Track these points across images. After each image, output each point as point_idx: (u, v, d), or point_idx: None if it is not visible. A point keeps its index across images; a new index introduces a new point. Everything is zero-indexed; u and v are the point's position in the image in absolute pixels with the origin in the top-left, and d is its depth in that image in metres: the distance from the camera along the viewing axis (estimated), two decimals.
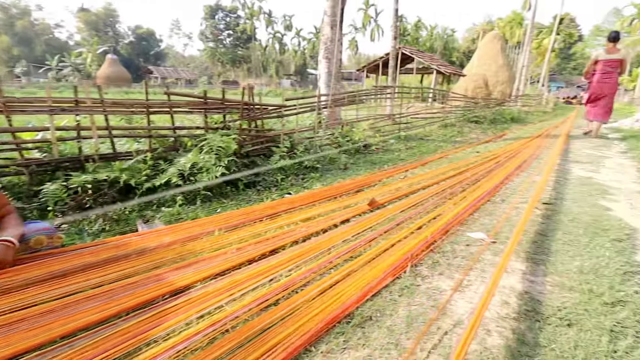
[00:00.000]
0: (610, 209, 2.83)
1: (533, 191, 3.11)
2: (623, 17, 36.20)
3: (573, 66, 56.01)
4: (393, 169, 4.41)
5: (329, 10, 6.08)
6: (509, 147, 5.95)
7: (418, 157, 5.31)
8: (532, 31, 21.49)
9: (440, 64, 22.43)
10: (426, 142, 6.80)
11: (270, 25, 55.31)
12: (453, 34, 60.79)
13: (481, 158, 4.91)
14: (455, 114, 9.73)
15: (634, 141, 6.96)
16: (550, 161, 4.45)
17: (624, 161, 5.01)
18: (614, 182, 3.77)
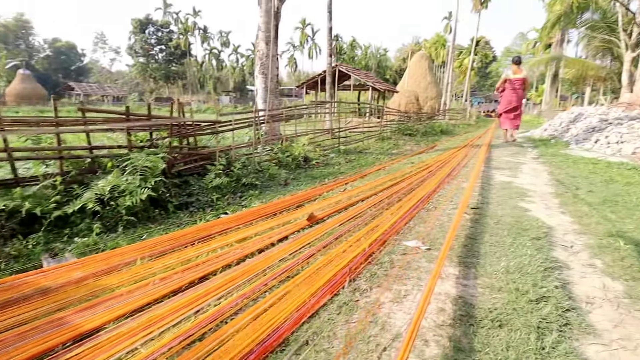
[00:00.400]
0: (529, 210, 3.07)
1: (462, 197, 3.28)
2: (528, 40, 41.52)
3: (490, 83, 62.48)
4: (333, 183, 4.42)
5: (262, 26, 6.06)
6: (440, 157, 6.33)
7: (357, 170, 5.41)
8: (454, 52, 23.64)
9: (375, 81, 23.62)
10: (365, 155, 6.99)
11: (207, 41, 54.25)
12: (385, 53, 64.77)
13: (415, 168, 5.13)
14: (390, 127, 10.21)
15: (544, 148, 7.83)
16: (475, 168, 4.79)
17: (537, 166, 5.57)
18: (530, 185, 4.14)
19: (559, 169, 5.24)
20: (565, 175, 4.74)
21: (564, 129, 9.60)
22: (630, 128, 8.20)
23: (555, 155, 6.61)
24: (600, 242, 2.32)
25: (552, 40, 28.89)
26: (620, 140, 8.00)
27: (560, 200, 3.43)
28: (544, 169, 5.34)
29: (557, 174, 4.82)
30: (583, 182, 4.31)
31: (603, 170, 5.01)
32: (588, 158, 6.14)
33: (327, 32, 8.47)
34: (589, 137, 8.39)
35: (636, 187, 4.02)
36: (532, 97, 44.21)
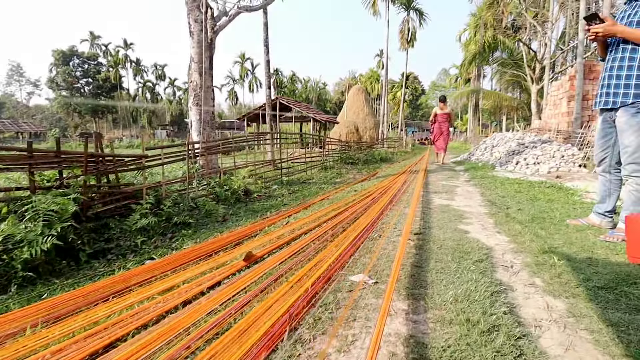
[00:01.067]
0: (468, 232, 3.12)
1: (405, 223, 3.26)
2: (450, 76, 46.14)
3: (421, 114, 67.75)
4: (276, 216, 4.20)
5: (195, 57, 5.86)
6: (381, 184, 6.44)
7: (301, 201, 5.25)
8: (387, 86, 25.28)
9: (316, 113, 24.27)
10: (308, 185, 6.89)
11: (140, 74, 52.17)
12: (325, 87, 67.61)
13: (359, 196, 5.11)
14: (333, 157, 10.34)
15: (473, 171, 8.40)
16: (415, 194, 4.89)
17: (470, 188, 5.88)
18: (466, 207, 4.30)
19: (489, 190, 5.57)
20: (495, 195, 5.03)
21: (489, 153, 10.48)
22: (544, 150, 9.18)
23: (484, 178, 7.08)
24: (537, 260, 2.37)
25: (470, 76, 32.40)
26: (537, 161, 8.89)
27: (495, 220, 3.56)
28: (476, 190, 5.64)
29: (488, 195, 5.09)
30: (511, 201, 4.58)
31: (527, 190, 5.42)
32: (512, 179, 6.66)
33: (265, 64, 8.50)
34: (511, 160, 9.22)
35: (557, 204, 4.35)
36: (459, 126, 48.68)
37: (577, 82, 10.10)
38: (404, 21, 26.14)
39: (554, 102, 12.01)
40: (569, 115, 10.64)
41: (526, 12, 15.59)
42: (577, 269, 2.19)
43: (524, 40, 16.38)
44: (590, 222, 3.26)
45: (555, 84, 11.98)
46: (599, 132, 3.05)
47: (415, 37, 26.28)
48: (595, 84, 10.22)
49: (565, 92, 10.86)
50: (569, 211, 3.93)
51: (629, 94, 2.68)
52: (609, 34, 2.66)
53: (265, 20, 8.33)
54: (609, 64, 2.82)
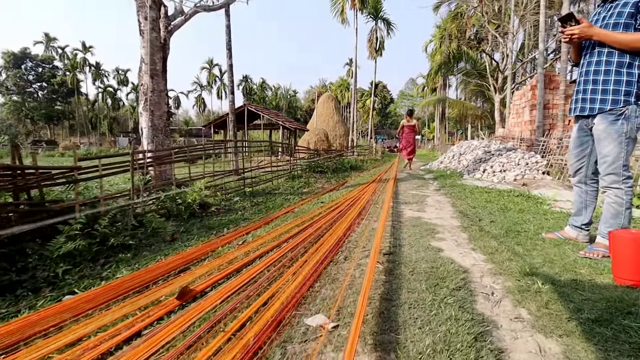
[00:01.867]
0: (441, 250, 2.84)
1: (373, 241, 2.94)
2: (417, 85, 47.37)
3: (390, 122, 69.08)
4: (233, 233, 3.77)
5: (146, 58, 5.34)
6: (350, 194, 6.15)
7: (264, 215, 4.84)
8: (357, 94, 25.38)
9: (285, 120, 23.89)
10: (273, 196, 6.48)
11: (99, 78, 49.63)
12: (295, 94, 67.49)
13: (325, 209, 4.77)
14: (301, 165, 9.98)
15: (442, 179, 8.32)
16: (385, 206, 4.62)
17: (440, 198, 5.70)
18: (437, 219, 4.06)
19: (459, 199, 5.40)
20: (466, 206, 4.85)
21: (457, 161, 10.52)
22: (509, 158, 9.30)
23: (453, 186, 6.97)
24: (519, 285, 2.10)
25: (436, 85, 33.31)
26: (503, 169, 8.96)
27: (469, 235, 3.32)
28: (447, 200, 5.46)
29: (459, 206, 4.91)
30: (483, 212, 4.41)
31: (497, 199, 5.30)
32: (481, 187, 6.58)
33: (228, 69, 8.06)
34: (478, 168, 9.26)
35: (528, 214, 4.21)
36: (426, 134, 49.96)
37: (539, 91, 10.38)
38: (372, 30, 26.51)
39: (516, 111, 12.33)
40: (532, 123, 10.91)
41: (488, 25, 16.16)
42: (564, 295, 1.93)
43: (487, 51, 16.98)
44: (566, 235, 3.09)
45: (518, 94, 12.33)
46: (574, 140, 2.88)
47: (383, 47, 26.70)
48: (556, 93, 10.57)
49: (527, 101, 11.15)
50: (542, 222, 3.78)
51: (606, 100, 2.51)
52: (585, 35, 2.49)
53: (227, 23, 7.91)
54: (584, 69, 2.66)
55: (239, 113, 22.44)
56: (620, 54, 2.46)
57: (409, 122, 11.20)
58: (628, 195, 2.54)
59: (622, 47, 2.43)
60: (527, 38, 16.59)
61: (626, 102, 2.45)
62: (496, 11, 16.21)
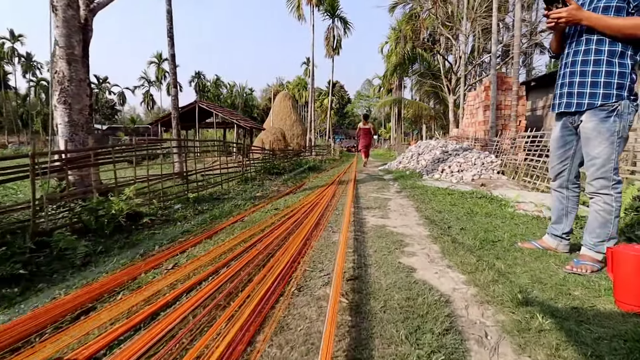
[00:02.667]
0: (414, 269, 2.40)
1: (335, 261, 2.44)
2: (373, 86, 48.08)
3: (348, 122, 69.71)
4: (165, 252, 3.09)
5: (61, 40, 4.44)
6: (308, 198, 5.63)
7: (208, 226, 4.18)
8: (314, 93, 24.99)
9: (240, 119, 22.89)
10: (222, 202, 5.78)
11: (31, 71, 44.77)
12: (252, 92, 65.84)
13: (279, 217, 4.21)
14: (255, 166, 9.30)
15: (402, 180, 8.07)
16: (346, 213, 4.15)
17: (402, 201, 5.35)
18: (403, 227, 3.65)
19: (423, 203, 5.08)
20: (431, 210, 4.52)
21: (416, 161, 10.40)
22: (466, 158, 9.31)
23: (414, 188, 6.70)
24: (515, 320, 1.69)
25: (392, 86, 33.86)
26: (460, 169, 8.93)
27: (441, 247, 2.93)
28: (410, 204, 5.12)
29: (424, 210, 4.57)
30: (450, 217, 4.09)
31: (461, 202, 5.04)
32: (443, 189, 6.36)
33: (170, 59, 7.20)
34: (437, 168, 9.17)
35: (497, 219, 3.95)
36: (383, 134, 50.92)
37: (492, 92, 10.55)
38: (330, 29, 26.23)
39: (470, 112, 12.55)
40: (485, 123, 11.10)
41: (442, 27, 16.49)
42: (572, 334, 1.54)
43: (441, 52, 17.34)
44: (545, 245, 2.79)
45: (472, 94, 12.54)
46: (556, 140, 2.57)
47: (340, 45, 26.51)
48: (508, 94, 10.81)
49: (481, 102, 11.34)
50: (513, 229, 3.51)
51: (596, 94, 2.20)
52: (573, 19, 2.15)
53: (168, 7, 7.04)
54: (569, 59, 2.34)
55: (190, 111, 21.10)
56: (611, 42, 2.16)
57: (365, 126, 12.76)
58: (618, 202, 2.25)
59: (614, 34, 2.12)
60: (478, 41, 17.19)
61: (619, 97, 2.15)
62: (449, 14, 16.59)
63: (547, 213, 4.36)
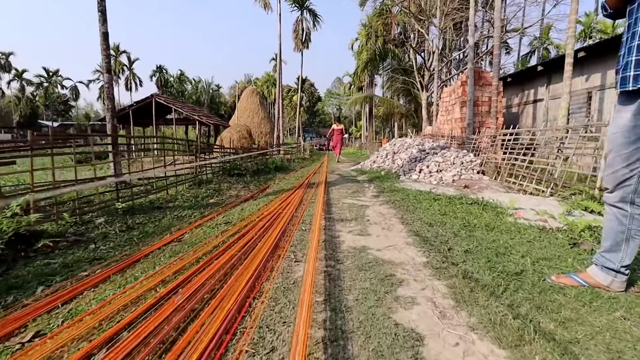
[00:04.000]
0: (420, 339, 1.51)
1: (294, 326, 1.50)
2: (344, 84, 47.49)
3: (319, 120, 68.86)
4: (58, 294, 2.05)
5: None
6: (270, 206, 4.65)
7: (131, 248, 3.12)
8: (282, 89, 23.87)
9: (202, 115, 21.38)
10: (162, 212, 4.67)
11: None
12: (219, 89, 63.43)
13: (228, 236, 3.21)
14: (212, 167, 8.16)
15: (379, 182, 7.25)
16: (314, 227, 3.22)
17: (383, 210, 4.49)
18: (390, 249, 2.77)
19: (407, 212, 4.24)
20: (420, 223, 3.68)
21: (391, 160, 9.65)
22: (444, 157, 8.65)
23: (393, 191, 5.89)
24: None
25: (363, 84, 33.33)
26: (439, 168, 8.25)
27: (449, 287, 2.05)
28: (392, 213, 4.27)
29: (411, 222, 3.72)
30: (445, 232, 3.26)
31: (451, 210, 4.25)
32: (426, 192, 5.58)
33: (101, 38, 5.95)
34: (414, 168, 8.45)
35: (504, 234, 3.16)
36: (353, 132, 50.50)
37: (469, 87, 10.00)
38: (298, 21, 25.10)
39: (446, 108, 12.00)
40: (462, 120, 10.55)
41: (415, 20, 15.94)
42: None
43: (414, 47, 16.82)
44: (592, 280, 1.99)
45: (447, 90, 12.00)
46: (625, 131, 1.75)
47: (309, 39, 25.47)
48: (485, 90, 10.31)
49: (457, 98, 10.78)
50: (529, 249, 2.71)
51: None
52: None
53: None
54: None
55: (146, 106, 19.37)
56: None
57: (338, 127, 14.63)
58: None
59: None
60: (450, 36, 16.82)
61: None
62: (422, 7, 16.07)
63: (553, 223, 3.65)
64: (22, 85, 47.00)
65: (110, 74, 6.07)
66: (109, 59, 6.06)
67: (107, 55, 6.00)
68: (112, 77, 6.13)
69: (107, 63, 6.03)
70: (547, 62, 9.59)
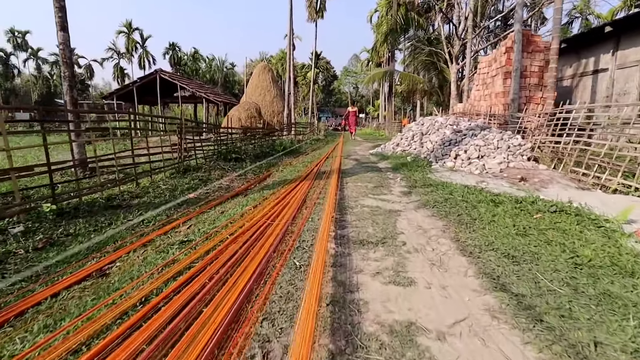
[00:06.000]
0: None
1: None
2: (361, 61, 44.99)
3: (335, 100, 66.49)
4: None
5: None
6: (257, 211, 3.31)
7: (23, 287, 1.85)
8: (293, 62, 22.13)
9: (210, 92, 20.04)
10: (115, 215, 3.40)
11: None
12: (233, 67, 61.69)
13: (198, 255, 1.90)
14: (204, 150, 6.85)
15: (406, 171, 5.79)
16: (314, 269, 1.86)
17: (422, 219, 3.08)
18: (462, 338, 1.39)
19: (462, 226, 2.82)
20: (494, 256, 2.26)
21: (418, 144, 8.10)
22: (485, 139, 7.07)
23: (429, 186, 4.45)
24: None
25: (381, 60, 31.06)
26: (480, 154, 6.69)
27: None
28: (438, 227, 2.86)
29: (479, 254, 2.30)
30: (552, 281, 1.86)
31: (530, 224, 2.81)
32: (475, 189, 4.11)
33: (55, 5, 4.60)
34: (448, 153, 6.93)
35: None
36: (370, 112, 48.24)
37: (515, 55, 8.22)
38: None
39: (483, 81, 10.22)
40: (505, 95, 8.82)
41: None
42: None
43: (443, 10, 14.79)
44: None
45: (485, 59, 10.18)
46: None
47: (324, 7, 23.33)
48: (535, 58, 8.50)
49: (499, 68, 9.00)
50: None
51: None
52: None
53: None
54: None
55: (151, 83, 18.14)
56: None
57: (352, 109, 17.45)
58: None
59: None
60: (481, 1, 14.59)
61: None
62: None
63: None
64: (37, 64, 46.56)
65: (64, 32, 4.74)
66: (64, 12, 4.71)
67: (60, 7, 4.66)
68: (68, 36, 4.80)
69: (60, 18, 4.70)
70: (617, 21, 7.69)
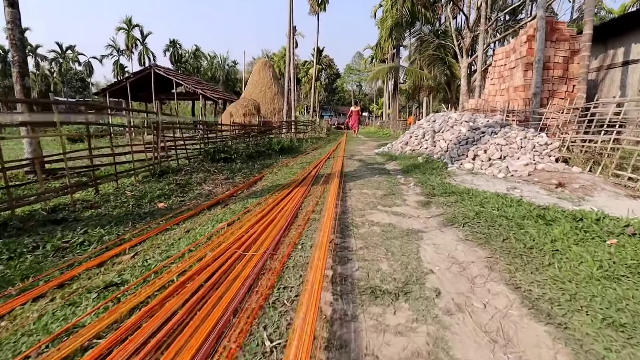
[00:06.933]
0: None
1: None
2: (364, 58, 44.02)
3: (337, 98, 65.56)
4: None
5: None
6: (235, 229, 2.52)
7: None
8: (293, 54, 21.35)
9: (207, 89, 19.27)
10: (51, 233, 2.61)
11: None
12: (235, 65, 60.90)
13: (116, 318, 1.09)
14: (187, 150, 6.06)
15: (420, 175, 4.97)
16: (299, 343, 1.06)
17: (454, 246, 2.27)
18: None
19: (510, 256, 2.01)
20: (593, 331, 1.45)
21: (430, 142, 7.27)
22: (507, 138, 6.25)
23: (451, 194, 3.64)
24: None
25: (386, 56, 30.16)
26: (502, 154, 5.88)
27: None
28: (483, 261, 2.06)
29: (546, 305, 1.50)
30: None
31: (601, 254, 2.00)
32: (511, 200, 3.29)
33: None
34: (465, 153, 6.12)
35: None
36: (374, 110, 47.30)
37: (537, 44, 7.37)
38: None
39: (499, 74, 9.36)
40: (525, 89, 7.96)
41: None
42: None
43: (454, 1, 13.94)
44: None
45: (503, 50, 9.32)
46: None
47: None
48: (560, 48, 7.65)
49: (519, 59, 8.14)
50: None
51: None
52: None
53: None
54: None
55: (146, 78, 17.39)
56: None
57: (355, 108, 18.16)
58: None
59: None
60: None
61: None
62: None
63: None
64: (36, 61, 45.95)
65: (13, 9, 3.96)
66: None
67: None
68: (18, 13, 4.02)
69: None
70: None
